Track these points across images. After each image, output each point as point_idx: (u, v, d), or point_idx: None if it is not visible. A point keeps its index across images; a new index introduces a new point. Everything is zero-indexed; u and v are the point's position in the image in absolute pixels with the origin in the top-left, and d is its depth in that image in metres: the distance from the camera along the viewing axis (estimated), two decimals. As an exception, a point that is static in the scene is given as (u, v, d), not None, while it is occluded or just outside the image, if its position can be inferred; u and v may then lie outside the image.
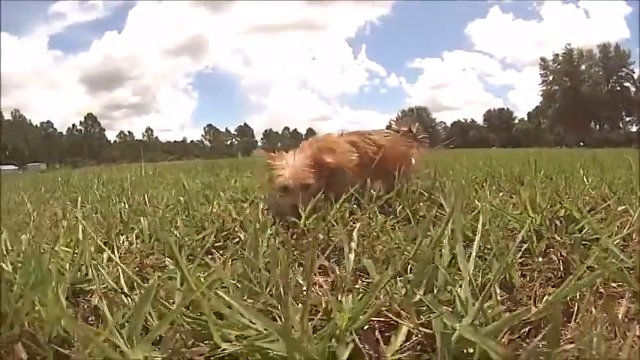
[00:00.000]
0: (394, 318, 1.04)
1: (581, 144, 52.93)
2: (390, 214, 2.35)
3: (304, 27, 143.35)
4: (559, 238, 1.76)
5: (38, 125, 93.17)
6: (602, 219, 2.11)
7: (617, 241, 1.74)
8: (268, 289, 1.23)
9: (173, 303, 1.13)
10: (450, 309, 1.06)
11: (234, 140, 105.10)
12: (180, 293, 1.15)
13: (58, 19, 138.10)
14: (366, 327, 1.01)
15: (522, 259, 1.58)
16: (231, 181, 5.00)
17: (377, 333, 1.01)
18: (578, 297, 1.19)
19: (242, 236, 2.09)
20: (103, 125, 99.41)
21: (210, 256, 1.75)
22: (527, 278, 1.43)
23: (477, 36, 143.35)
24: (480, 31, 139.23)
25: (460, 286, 1.14)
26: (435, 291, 1.19)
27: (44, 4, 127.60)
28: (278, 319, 1.03)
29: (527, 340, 1.00)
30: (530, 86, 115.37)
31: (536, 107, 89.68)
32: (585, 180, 3.47)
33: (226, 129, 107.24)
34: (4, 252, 1.67)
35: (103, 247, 1.64)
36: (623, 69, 79.83)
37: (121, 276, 1.37)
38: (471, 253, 1.31)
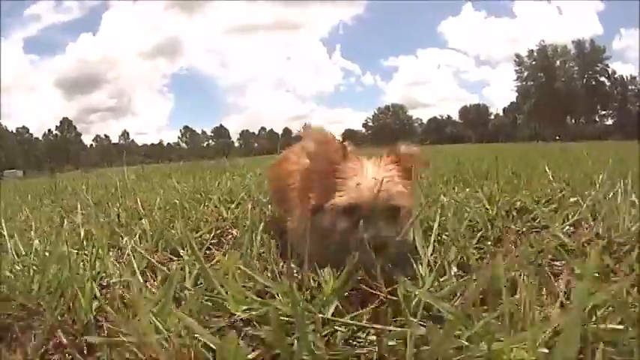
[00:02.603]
0: (369, 289, 1.28)
1: (557, 138, 53.49)
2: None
3: (279, 27, 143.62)
4: (513, 226, 2.05)
5: (14, 131, 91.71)
6: (556, 209, 2.38)
7: (566, 227, 2.01)
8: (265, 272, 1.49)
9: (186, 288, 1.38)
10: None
11: (210, 142, 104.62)
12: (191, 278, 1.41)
13: (33, 21, 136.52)
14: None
15: (478, 245, 1.85)
16: (215, 183, 5.17)
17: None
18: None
19: (235, 233, 2.35)
20: (80, 129, 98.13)
21: (208, 251, 2.01)
22: (483, 260, 1.68)
23: (451, 34, 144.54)
24: (453, 29, 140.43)
25: (421, 264, 1.42)
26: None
27: (19, 6, 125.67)
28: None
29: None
30: (505, 82, 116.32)
31: (512, 103, 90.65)
32: (549, 173, 3.74)
33: (202, 130, 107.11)
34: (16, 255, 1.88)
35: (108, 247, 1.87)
36: (598, 64, 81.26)
37: (137, 270, 1.60)
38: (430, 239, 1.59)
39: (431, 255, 1.55)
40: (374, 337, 1.09)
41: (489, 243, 1.89)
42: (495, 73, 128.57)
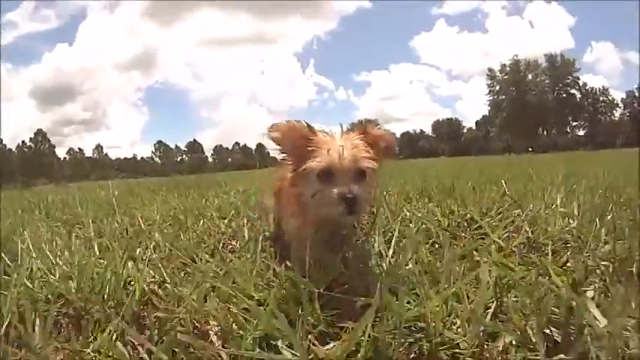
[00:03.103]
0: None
1: (530, 150, 54.33)
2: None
3: (254, 41, 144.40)
4: (462, 234, 2.53)
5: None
6: (500, 219, 2.87)
7: (506, 234, 2.48)
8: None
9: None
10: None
11: (184, 157, 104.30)
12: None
13: (9, 29, 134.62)
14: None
15: (431, 248, 2.32)
16: (203, 200, 5.55)
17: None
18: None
19: (234, 243, 2.79)
20: (53, 142, 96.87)
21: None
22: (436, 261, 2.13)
23: (424, 49, 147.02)
24: (426, 44, 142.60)
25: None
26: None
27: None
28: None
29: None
30: (478, 96, 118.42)
31: (484, 116, 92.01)
32: (505, 186, 4.27)
33: (176, 145, 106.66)
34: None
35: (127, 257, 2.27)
36: (569, 77, 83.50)
37: (164, 273, 2.02)
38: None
39: (391, 256, 2.05)
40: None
41: (438, 246, 2.36)
42: (468, 87, 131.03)
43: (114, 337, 1.47)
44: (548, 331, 1.33)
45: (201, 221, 3.56)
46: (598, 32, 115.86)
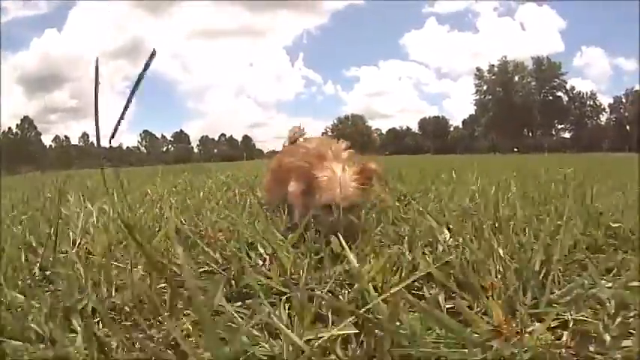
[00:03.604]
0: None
1: (515, 150, 55.03)
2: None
3: (243, 33, 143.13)
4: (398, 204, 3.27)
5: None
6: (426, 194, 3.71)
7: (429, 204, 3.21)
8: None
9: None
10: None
11: (170, 147, 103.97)
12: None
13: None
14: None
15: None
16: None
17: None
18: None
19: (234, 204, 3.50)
20: (40, 129, 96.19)
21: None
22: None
23: (413, 46, 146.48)
24: (415, 42, 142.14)
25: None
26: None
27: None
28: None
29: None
30: (466, 95, 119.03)
31: (471, 115, 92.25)
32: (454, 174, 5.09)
33: (162, 135, 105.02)
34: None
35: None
36: (555, 80, 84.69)
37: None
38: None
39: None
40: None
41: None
42: (456, 85, 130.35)
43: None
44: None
45: (201, 192, 4.30)
46: (588, 37, 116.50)
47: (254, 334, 1.21)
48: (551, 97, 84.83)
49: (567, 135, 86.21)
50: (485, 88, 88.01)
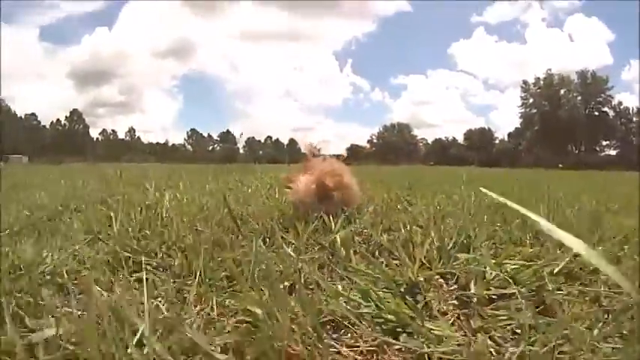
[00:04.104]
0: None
1: (560, 166, 54.21)
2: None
3: (293, 37, 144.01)
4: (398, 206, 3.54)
5: (22, 117, 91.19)
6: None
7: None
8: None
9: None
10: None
11: (216, 146, 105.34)
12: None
13: (51, 10, 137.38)
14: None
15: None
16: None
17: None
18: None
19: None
20: (88, 122, 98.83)
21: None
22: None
23: (461, 56, 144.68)
24: (463, 51, 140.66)
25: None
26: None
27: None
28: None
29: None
30: (512, 107, 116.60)
31: (516, 128, 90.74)
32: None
33: (209, 134, 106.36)
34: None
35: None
36: (601, 94, 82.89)
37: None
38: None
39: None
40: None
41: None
42: (503, 97, 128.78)
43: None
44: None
45: (249, 189, 4.73)
46: (637, 50, 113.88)
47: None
48: (597, 113, 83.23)
49: (613, 152, 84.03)
50: (531, 101, 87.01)
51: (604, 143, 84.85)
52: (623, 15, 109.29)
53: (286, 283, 1.61)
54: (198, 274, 1.61)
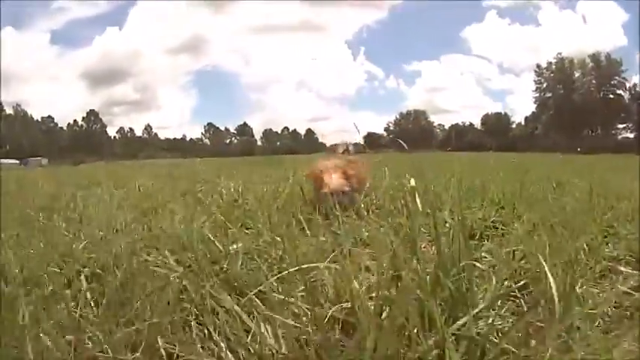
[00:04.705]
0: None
1: (578, 150, 53.68)
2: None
3: (304, 28, 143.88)
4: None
5: (39, 120, 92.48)
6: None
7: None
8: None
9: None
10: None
11: (233, 139, 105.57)
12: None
13: (60, 14, 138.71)
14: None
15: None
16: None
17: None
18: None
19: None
20: (104, 121, 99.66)
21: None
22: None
23: (475, 40, 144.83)
24: (477, 35, 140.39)
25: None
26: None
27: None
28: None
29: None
30: (529, 91, 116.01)
31: (533, 112, 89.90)
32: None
33: (226, 128, 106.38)
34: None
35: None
36: (616, 77, 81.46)
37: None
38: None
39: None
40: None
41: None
42: (519, 81, 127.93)
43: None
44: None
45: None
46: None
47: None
48: (611, 96, 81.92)
49: (631, 135, 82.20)
50: (545, 85, 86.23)
51: (620, 126, 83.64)
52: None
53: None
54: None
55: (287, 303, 1.50)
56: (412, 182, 1.76)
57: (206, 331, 1.50)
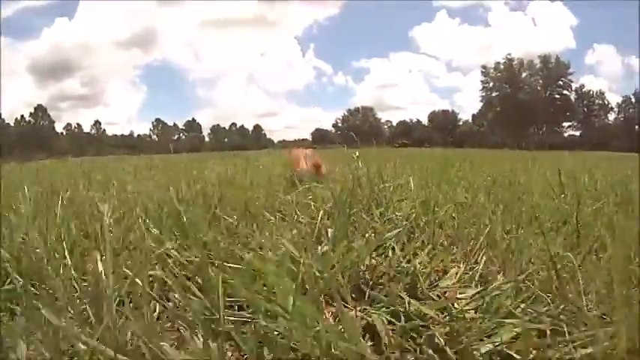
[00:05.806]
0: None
1: (523, 146, 55.18)
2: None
3: (255, 23, 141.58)
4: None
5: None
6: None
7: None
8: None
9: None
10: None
11: (181, 135, 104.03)
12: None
13: (6, 3, 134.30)
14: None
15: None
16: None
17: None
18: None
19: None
20: (52, 117, 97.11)
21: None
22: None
23: (424, 39, 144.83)
24: (426, 34, 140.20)
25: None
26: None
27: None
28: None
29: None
30: (476, 89, 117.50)
31: (480, 110, 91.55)
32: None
33: (174, 124, 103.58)
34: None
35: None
36: (562, 78, 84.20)
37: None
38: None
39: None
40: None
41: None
42: (467, 79, 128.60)
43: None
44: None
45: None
46: (600, 34, 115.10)
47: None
48: (557, 95, 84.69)
49: (577, 133, 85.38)
50: (491, 84, 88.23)
51: (566, 125, 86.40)
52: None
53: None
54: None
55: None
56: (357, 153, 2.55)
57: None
